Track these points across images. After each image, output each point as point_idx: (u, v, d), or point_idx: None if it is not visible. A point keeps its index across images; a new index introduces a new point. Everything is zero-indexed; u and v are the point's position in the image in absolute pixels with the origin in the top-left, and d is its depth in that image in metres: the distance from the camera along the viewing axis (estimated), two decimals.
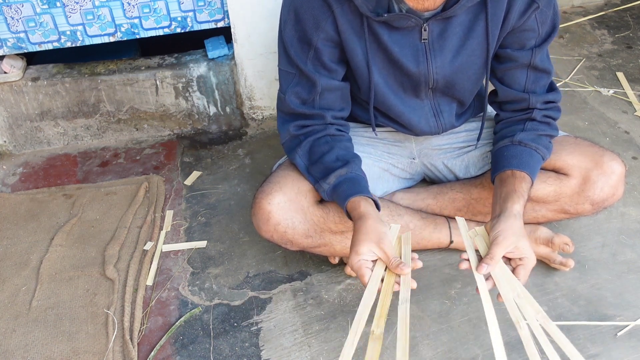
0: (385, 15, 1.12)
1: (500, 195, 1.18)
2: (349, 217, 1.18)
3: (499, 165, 1.25)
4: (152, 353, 1.27)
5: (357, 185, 1.19)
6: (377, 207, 1.18)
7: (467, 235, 1.17)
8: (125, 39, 1.76)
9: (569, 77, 2.05)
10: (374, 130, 1.35)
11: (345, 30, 1.17)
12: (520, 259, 1.09)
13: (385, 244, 1.08)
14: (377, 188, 1.41)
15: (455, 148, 1.44)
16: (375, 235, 1.08)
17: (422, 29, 1.16)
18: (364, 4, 1.12)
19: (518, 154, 1.23)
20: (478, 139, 1.39)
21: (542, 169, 1.31)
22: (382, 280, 1.08)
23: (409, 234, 1.18)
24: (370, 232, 1.08)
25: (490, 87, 1.33)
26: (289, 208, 1.23)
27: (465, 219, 1.41)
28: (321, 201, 1.29)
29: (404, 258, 1.12)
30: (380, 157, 1.43)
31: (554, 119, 1.30)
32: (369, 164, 1.39)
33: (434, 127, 1.35)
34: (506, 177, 1.21)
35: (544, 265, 1.39)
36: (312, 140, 1.25)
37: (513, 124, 1.30)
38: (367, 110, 1.31)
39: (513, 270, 1.10)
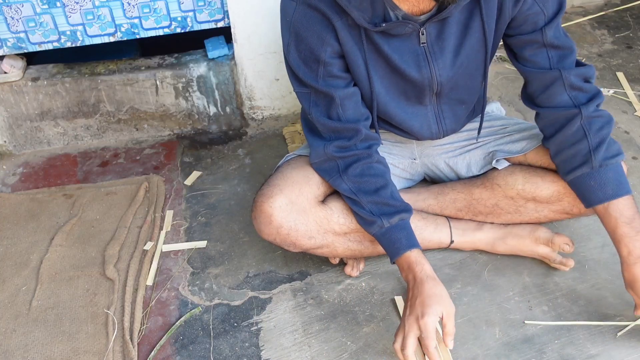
0: (383, 24, 1.11)
1: (613, 236, 1.19)
2: (391, 257, 1.22)
3: (590, 199, 1.20)
4: (152, 353, 1.27)
5: (413, 233, 1.22)
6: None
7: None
8: (125, 39, 1.76)
9: None
10: (376, 132, 1.35)
11: (347, 42, 1.16)
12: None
13: (450, 320, 1.11)
14: None
15: (457, 147, 1.44)
16: (448, 304, 1.12)
17: (420, 33, 1.16)
18: (361, 16, 1.11)
19: (607, 182, 1.17)
20: (478, 133, 1.39)
21: (545, 169, 1.31)
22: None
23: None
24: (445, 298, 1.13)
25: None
26: (290, 210, 1.23)
27: (467, 219, 1.42)
28: (323, 201, 1.29)
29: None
30: None
31: (600, 103, 1.21)
32: None
33: (435, 133, 1.35)
34: (607, 215, 1.18)
35: (544, 265, 1.39)
36: (361, 166, 1.23)
37: (576, 140, 1.20)
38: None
39: None
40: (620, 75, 2.04)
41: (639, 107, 1.89)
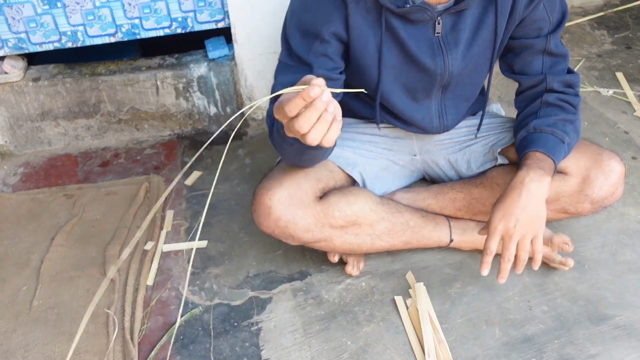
0: (407, 6, 1.12)
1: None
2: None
3: (519, 158, 1.24)
4: (153, 353, 1.27)
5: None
6: None
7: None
8: (125, 39, 1.76)
9: None
10: (377, 125, 1.35)
11: (358, 27, 1.16)
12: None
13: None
14: (376, 188, 1.41)
15: (457, 142, 1.44)
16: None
17: (436, 23, 1.17)
18: None
19: (534, 140, 1.22)
20: (478, 129, 1.40)
21: None
22: None
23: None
24: None
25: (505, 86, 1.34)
26: (289, 203, 1.24)
27: (466, 219, 1.43)
28: (321, 197, 1.29)
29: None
30: (381, 154, 1.43)
31: (570, 104, 1.28)
32: (368, 163, 1.39)
33: (436, 126, 1.36)
34: (522, 158, 1.21)
35: (543, 264, 1.39)
36: None
37: (527, 114, 1.29)
38: (370, 106, 1.31)
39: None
40: (620, 75, 2.05)
41: (639, 107, 1.89)
